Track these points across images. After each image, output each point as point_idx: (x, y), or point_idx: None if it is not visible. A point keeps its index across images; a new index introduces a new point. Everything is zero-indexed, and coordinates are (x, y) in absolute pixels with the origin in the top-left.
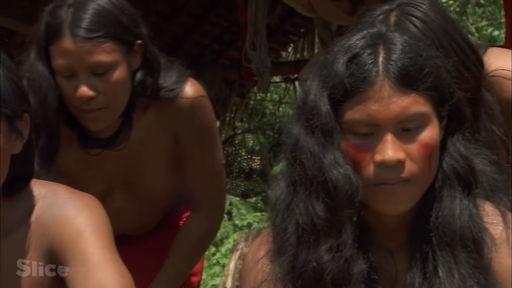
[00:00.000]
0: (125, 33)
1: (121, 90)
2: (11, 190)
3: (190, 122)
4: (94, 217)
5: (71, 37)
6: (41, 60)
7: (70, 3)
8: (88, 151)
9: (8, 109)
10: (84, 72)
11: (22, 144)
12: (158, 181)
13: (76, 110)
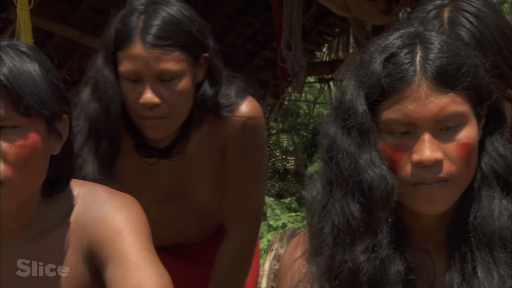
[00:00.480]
0: (193, 44)
1: (184, 100)
2: (51, 190)
3: (239, 141)
4: (132, 217)
5: (141, 43)
6: (108, 66)
7: (142, 11)
8: (144, 160)
9: (46, 110)
10: (150, 78)
11: (61, 145)
12: (205, 194)
13: (137, 117)
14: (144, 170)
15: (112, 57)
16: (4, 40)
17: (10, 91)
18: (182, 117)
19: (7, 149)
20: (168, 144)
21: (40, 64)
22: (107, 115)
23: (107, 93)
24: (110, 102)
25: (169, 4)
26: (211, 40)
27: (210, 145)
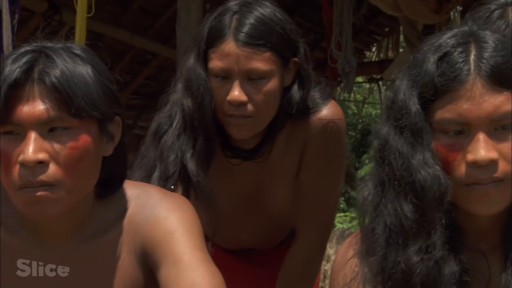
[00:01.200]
0: (284, 46)
1: (271, 101)
2: (104, 191)
3: (319, 144)
4: (185, 218)
5: (234, 40)
6: (200, 63)
7: (236, 10)
8: (229, 161)
9: (98, 112)
10: (239, 76)
11: (113, 146)
12: (282, 198)
13: (223, 115)
14: (229, 172)
15: (203, 54)
16: (59, 42)
17: (61, 93)
18: (267, 119)
19: (59, 150)
20: (254, 145)
21: (93, 67)
22: (201, 112)
23: (199, 90)
24: (203, 99)
25: (263, 6)
26: (302, 45)
27: (291, 148)
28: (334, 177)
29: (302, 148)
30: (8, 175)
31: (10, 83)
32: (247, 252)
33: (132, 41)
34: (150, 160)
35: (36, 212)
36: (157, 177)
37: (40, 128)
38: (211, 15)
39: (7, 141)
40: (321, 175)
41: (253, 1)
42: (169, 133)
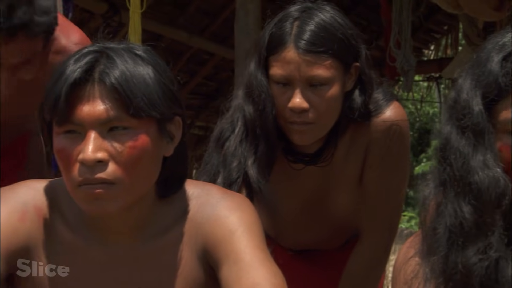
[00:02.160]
0: (345, 52)
1: (332, 107)
2: (166, 191)
3: (383, 146)
4: (246, 217)
5: (294, 48)
6: (260, 70)
7: (296, 17)
8: (291, 166)
9: (157, 112)
10: (300, 83)
11: (173, 147)
12: (345, 201)
13: (285, 122)
14: (291, 176)
15: (264, 61)
16: (122, 43)
17: (121, 93)
18: (329, 124)
19: (117, 150)
20: (316, 150)
21: (154, 67)
22: (262, 118)
23: (260, 96)
24: (264, 105)
25: (324, 11)
26: (364, 49)
27: (354, 151)
28: (398, 178)
29: (366, 150)
30: (68, 173)
31: (71, 83)
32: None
33: (190, 41)
34: (213, 166)
35: (95, 209)
36: (220, 183)
37: (100, 127)
38: (272, 21)
39: (68, 140)
40: (385, 177)
41: (314, 5)
42: (232, 139)
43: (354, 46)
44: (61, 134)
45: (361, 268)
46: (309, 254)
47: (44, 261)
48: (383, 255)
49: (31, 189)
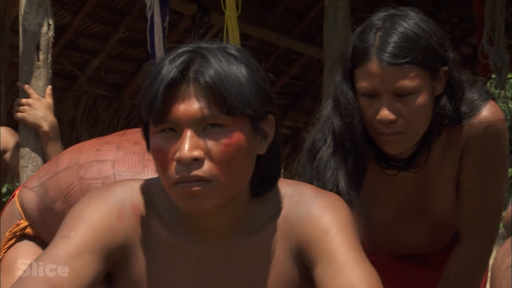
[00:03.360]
0: (432, 59)
1: (422, 115)
2: (259, 189)
3: (479, 147)
4: (340, 216)
5: (377, 61)
6: (346, 82)
7: (379, 27)
8: (385, 172)
9: (251, 110)
10: (386, 95)
11: (267, 145)
12: (444, 204)
13: (375, 132)
14: (385, 182)
15: (349, 73)
16: (215, 43)
17: (215, 92)
18: (420, 132)
19: (213, 147)
20: (409, 155)
21: (247, 66)
22: (350, 131)
23: (347, 109)
24: (352, 118)
25: (407, 19)
26: (451, 52)
27: (449, 153)
28: (496, 180)
29: (462, 152)
30: (165, 171)
31: (167, 82)
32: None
33: (277, 41)
34: (306, 179)
35: (191, 206)
36: None
37: (196, 126)
38: (355, 31)
39: (164, 139)
40: (482, 178)
41: (398, 12)
42: (324, 150)
43: (440, 52)
44: (158, 133)
45: (459, 271)
46: (410, 256)
47: (141, 259)
48: (483, 258)
49: (128, 188)
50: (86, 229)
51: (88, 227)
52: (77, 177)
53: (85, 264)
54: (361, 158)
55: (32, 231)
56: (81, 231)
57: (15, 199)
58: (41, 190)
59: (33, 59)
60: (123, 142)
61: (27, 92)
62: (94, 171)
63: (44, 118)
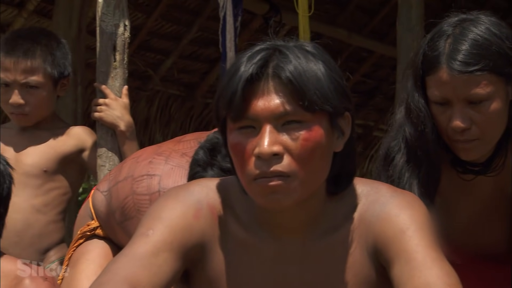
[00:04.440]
0: (504, 64)
1: (496, 121)
2: (336, 188)
3: None
4: (417, 215)
5: (448, 70)
6: (418, 90)
7: (449, 34)
8: (461, 176)
9: (329, 106)
10: (459, 103)
11: (343, 142)
12: None
13: (449, 139)
14: (461, 186)
15: (420, 81)
16: (291, 41)
17: (295, 87)
18: (495, 138)
19: (292, 143)
20: (486, 159)
21: (324, 63)
22: (423, 140)
23: (419, 117)
24: (423, 126)
25: (478, 24)
26: None
27: None
28: None
29: None
30: (244, 167)
31: (246, 79)
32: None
33: (349, 39)
34: None
35: (270, 202)
36: None
37: (275, 121)
38: (426, 38)
39: (243, 135)
40: None
41: (468, 17)
42: (397, 158)
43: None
44: (236, 130)
45: None
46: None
47: (218, 257)
48: None
49: (205, 187)
50: (164, 228)
51: (166, 225)
52: (131, 190)
53: (163, 262)
54: (434, 167)
55: (102, 232)
56: (159, 229)
57: (89, 199)
58: (108, 196)
59: (110, 59)
60: (172, 154)
61: (104, 93)
62: (144, 186)
63: (121, 117)
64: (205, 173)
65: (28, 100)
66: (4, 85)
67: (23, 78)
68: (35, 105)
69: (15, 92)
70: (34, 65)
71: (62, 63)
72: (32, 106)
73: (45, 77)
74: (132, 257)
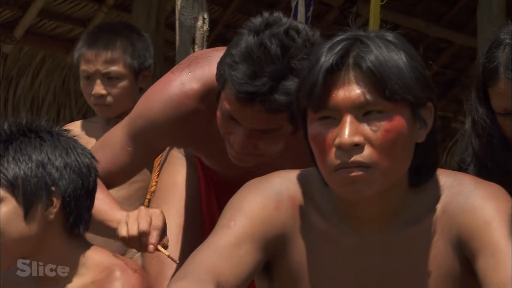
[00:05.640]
0: None
1: None
2: (418, 179)
3: None
4: (502, 207)
5: (505, 79)
6: (480, 102)
7: (506, 43)
8: None
9: (411, 96)
10: None
11: (426, 133)
12: None
13: None
14: None
15: (483, 92)
16: (372, 32)
17: (376, 77)
18: None
19: (373, 133)
20: None
21: (406, 52)
22: (490, 150)
23: (484, 129)
24: (490, 137)
25: None
26: None
27: None
28: None
29: None
30: (324, 158)
31: (327, 69)
32: None
33: (427, 29)
34: None
35: (351, 193)
36: None
37: (355, 112)
38: (484, 49)
39: (323, 126)
40: None
41: None
42: (469, 171)
43: None
44: (316, 120)
45: None
46: None
47: (299, 248)
48: None
49: (285, 179)
50: (245, 219)
51: (247, 217)
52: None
53: (245, 253)
54: (504, 177)
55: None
56: (240, 221)
57: None
58: None
59: (189, 52)
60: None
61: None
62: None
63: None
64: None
65: (110, 90)
66: (86, 77)
67: (104, 68)
68: (117, 95)
69: (97, 82)
70: (115, 56)
71: (143, 54)
72: (114, 96)
73: (125, 68)
74: (215, 249)
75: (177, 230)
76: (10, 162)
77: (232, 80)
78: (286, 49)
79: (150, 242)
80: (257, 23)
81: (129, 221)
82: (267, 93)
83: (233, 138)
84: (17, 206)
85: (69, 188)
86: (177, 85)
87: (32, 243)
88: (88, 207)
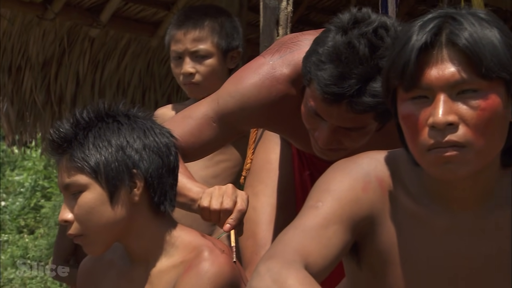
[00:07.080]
0: None
1: None
2: (510, 160)
3: None
4: None
5: None
6: None
7: None
8: None
9: (507, 73)
10: None
11: None
12: None
13: None
14: None
15: None
16: (463, 9)
17: (470, 55)
18: None
19: (468, 112)
20: None
21: (499, 29)
22: None
23: None
24: None
25: None
26: None
27: None
28: None
29: None
30: (417, 138)
31: (420, 47)
32: None
33: None
34: None
35: (444, 173)
36: None
37: (449, 90)
38: None
39: (415, 106)
40: None
41: None
42: None
43: None
44: (408, 100)
45: None
46: None
47: (388, 230)
48: None
49: (373, 160)
50: (333, 200)
51: (335, 198)
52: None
53: (332, 234)
54: None
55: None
56: (328, 201)
57: None
58: None
59: (273, 34)
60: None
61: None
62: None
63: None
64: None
65: (199, 69)
66: (176, 57)
67: (193, 46)
68: (205, 74)
69: (186, 61)
70: (203, 34)
71: (231, 34)
72: (203, 75)
73: (213, 46)
74: (303, 229)
75: (270, 210)
76: (91, 149)
77: (319, 80)
78: (374, 49)
79: (229, 221)
80: (345, 20)
81: (214, 193)
82: (354, 95)
83: (318, 134)
84: (102, 192)
85: (150, 168)
86: (268, 70)
87: (121, 227)
88: (172, 185)
